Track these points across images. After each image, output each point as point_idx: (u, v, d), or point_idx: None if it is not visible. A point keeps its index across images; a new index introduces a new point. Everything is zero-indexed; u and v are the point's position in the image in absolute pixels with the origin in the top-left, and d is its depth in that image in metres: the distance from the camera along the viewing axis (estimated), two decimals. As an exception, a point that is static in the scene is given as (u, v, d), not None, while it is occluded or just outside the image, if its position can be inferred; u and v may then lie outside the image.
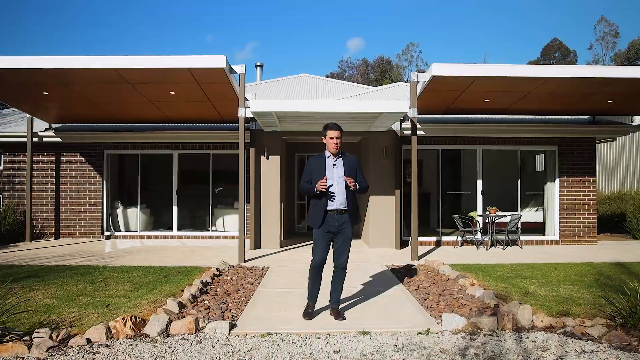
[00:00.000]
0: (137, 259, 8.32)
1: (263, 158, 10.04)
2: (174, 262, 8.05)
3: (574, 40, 71.40)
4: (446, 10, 76.35)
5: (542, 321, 4.44)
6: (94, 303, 5.26)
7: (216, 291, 5.85)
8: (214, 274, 6.72)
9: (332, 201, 4.56)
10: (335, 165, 4.64)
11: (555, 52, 51.88)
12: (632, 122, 12.08)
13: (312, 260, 4.67)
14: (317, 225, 4.58)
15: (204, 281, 6.13)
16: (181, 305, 4.96)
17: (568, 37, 74.42)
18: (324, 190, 4.49)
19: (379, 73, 52.40)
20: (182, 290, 5.67)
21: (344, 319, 4.64)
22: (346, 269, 4.77)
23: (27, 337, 4.10)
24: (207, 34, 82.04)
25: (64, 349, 3.93)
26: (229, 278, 6.65)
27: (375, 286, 6.13)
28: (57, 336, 4.12)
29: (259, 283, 6.39)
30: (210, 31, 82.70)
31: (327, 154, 4.68)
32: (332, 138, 4.60)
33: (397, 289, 6.00)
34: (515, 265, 7.69)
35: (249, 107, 8.26)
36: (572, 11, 71.71)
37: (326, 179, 4.50)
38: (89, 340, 4.07)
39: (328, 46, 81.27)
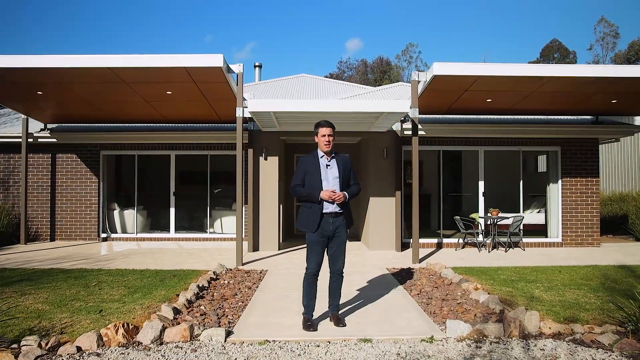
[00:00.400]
0: (133, 262, 8.15)
1: (261, 159, 9.89)
2: (171, 265, 7.89)
3: (573, 41, 71.24)
4: (445, 10, 76.18)
5: (549, 328, 4.29)
6: (86, 308, 5.10)
7: (213, 295, 5.69)
8: (210, 277, 6.56)
9: (328, 204, 4.38)
10: (329, 165, 4.47)
11: (555, 53, 51.68)
12: (632, 122, 11.96)
13: (306, 268, 4.48)
14: (312, 230, 4.38)
15: (200, 285, 5.97)
16: (176, 311, 4.80)
17: (568, 38, 74.20)
18: (332, 200, 4.31)
19: (378, 74, 52.19)
20: (178, 295, 5.51)
21: (344, 325, 4.48)
22: (343, 274, 4.60)
23: (15, 345, 3.95)
24: (207, 34, 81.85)
25: (53, 357, 3.78)
26: (226, 282, 6.50)
27: (375, 290, 5.98)
28: (47, 344, 3.96)
29: (257, 287, 6.23)
30: (210, 31, 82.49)
31: (320, 153, 4.51)
32: (324, 136, 4.43)
33: (398, 294, 5.84)
34: (518, 268, 7.54)
35: (246, 107, 8.10)
36: (572, 12, 71.60)
37: (334, 191, 4.33)
38: (79, 349, 3.92)
39: (327, 47, 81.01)
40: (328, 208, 4.38)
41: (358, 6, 79.40)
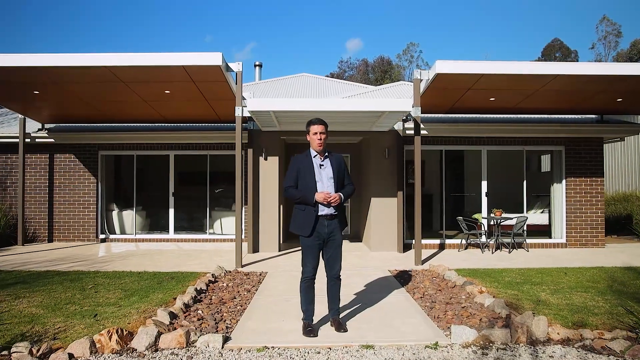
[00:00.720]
0: (131, 264, 8.03)
1: (261, 159, 9.76)
2: (169, 266, 7.77)
3: (575, 40, 70.88)
4: (445, 10, 76.09)
5: (558, 333, 4.14)
6: (81, 312, 4.97)
7: (211, 299, 5.55)
8: (209, 280, 6.43)
9: (323, 206, 4.23)
10: (322, 165, 4.32)
11: (556, 52, 51.46)
12: (637, 121, 11.81)
13: (302, 273, 4.32)
14: (307, 233, 4.21)
15: (198, 288, 5.84)
16: (172, 316, 4.67)
17: (569, 37, 74.04)
18: (327, 202, 4.16)
19: (379, 73, 52.04)
20: (175, 299, 5.37)
21: (345, 330, 4.34)
22: (340, 277, 4.44)
23: (5, 352, 3.82)
24: (207, 34, 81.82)
25: (44, 365, 3.65)
26: (224, 284, 6.36)
27: (377, 293, 5.84)
28: (38, 350, 3.83)
29: (256, 290, 6.10)
30: (210, 31, 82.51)
31: (313, 152, 4.37)
32: (316, 134, 4.29)
33: (401, 297, 5.70)
34: (523, 270, 7.39)
35: (246, 107, 7.97)
36: (573, 11, 71.40)
37: (329, 193, 4.18)
38: (71, 356, 3.78)
39: (327, 47, 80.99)
40: (323, 210, 4.23)
41: (358, 6, 79.38)
